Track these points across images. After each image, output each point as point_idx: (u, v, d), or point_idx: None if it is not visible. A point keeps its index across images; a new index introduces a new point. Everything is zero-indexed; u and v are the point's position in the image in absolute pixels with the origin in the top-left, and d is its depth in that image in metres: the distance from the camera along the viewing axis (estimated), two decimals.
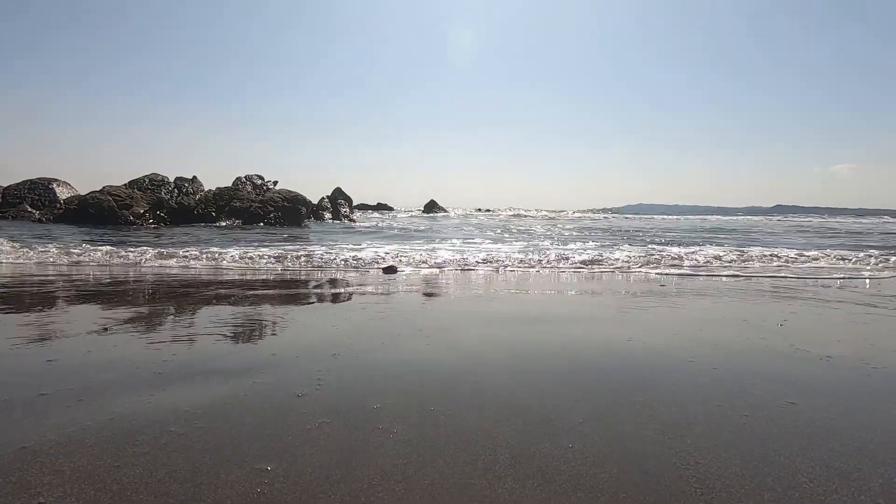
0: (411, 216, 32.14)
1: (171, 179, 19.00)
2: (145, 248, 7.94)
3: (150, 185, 18.14)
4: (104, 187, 16.75)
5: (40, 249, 7.58)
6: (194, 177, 19.62)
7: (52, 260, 6.91)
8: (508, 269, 6.79)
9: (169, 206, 17.21)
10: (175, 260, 7.05)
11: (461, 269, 6.66)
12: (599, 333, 3.24)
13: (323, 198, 22.29)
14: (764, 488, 1.45)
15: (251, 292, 4.66)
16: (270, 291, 4.81)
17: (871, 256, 8.34)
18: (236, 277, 5.75)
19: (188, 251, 7.63)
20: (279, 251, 7.92)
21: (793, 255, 8.29)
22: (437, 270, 6.51)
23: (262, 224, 16.63)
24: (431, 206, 40.86)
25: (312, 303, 4.33)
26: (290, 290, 4.95)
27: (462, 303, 4.31)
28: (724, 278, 6.06)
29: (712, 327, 3.43)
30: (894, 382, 2.36)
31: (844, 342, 3.07)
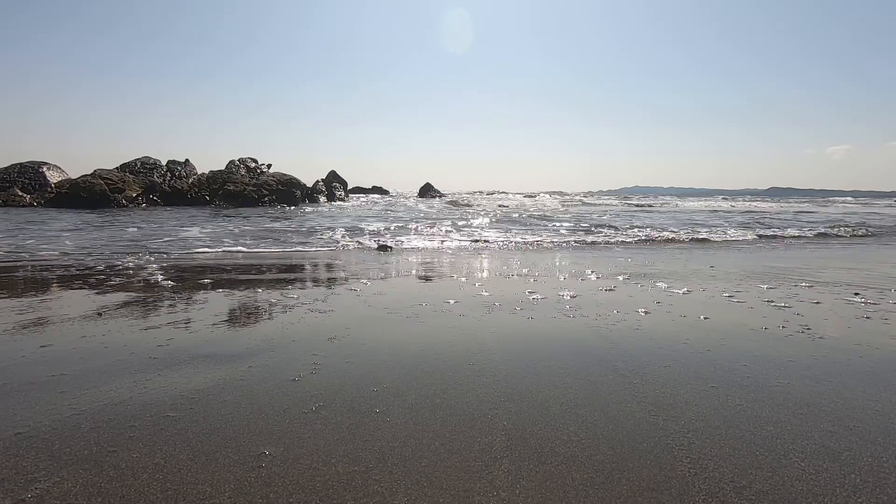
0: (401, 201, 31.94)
1: (164, 163, 18.80)
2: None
3: (141, 169, 17.95)
4: (95, 171, 16.57)
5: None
6: (187, 160, 19.42)
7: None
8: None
9: (161, 189, 17.05)
10: None
11: None
12: (593, 316, 3.25)
13: (317, 181, 22.12)
14: (756, 467, 1.47)
15: (244, 275, 4.64)
16: (265, 275, 4.79)
17: None
18: (232, 261, 5.72)
19: None
20: None
21: None
22: None
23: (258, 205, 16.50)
24: (426, 190, 40.61)
25: (307, 285, 4.32)
26: (284, 271, 4.93)
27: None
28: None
29: (706, 309, 3.45)
30: (885, 363, 2.39)
31: (836, 324, 3.10)
